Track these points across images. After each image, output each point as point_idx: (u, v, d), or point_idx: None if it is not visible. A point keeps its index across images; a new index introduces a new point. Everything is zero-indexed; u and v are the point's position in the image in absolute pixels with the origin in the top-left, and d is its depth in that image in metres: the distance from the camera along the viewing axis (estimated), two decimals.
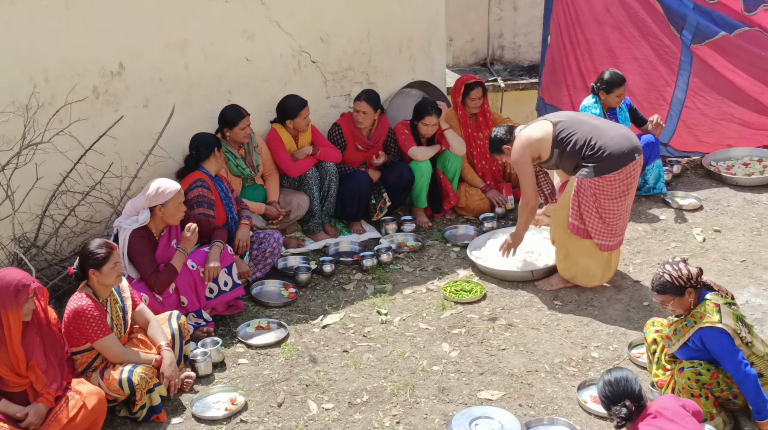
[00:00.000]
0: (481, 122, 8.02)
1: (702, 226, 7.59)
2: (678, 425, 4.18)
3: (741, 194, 8.12)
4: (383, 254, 7.16)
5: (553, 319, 6.35)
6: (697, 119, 8.54)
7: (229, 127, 6.86)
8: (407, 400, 5.50)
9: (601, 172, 6.22)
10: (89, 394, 5.13)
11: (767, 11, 8.24)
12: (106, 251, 5.27)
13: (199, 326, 6.13)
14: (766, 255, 7.04)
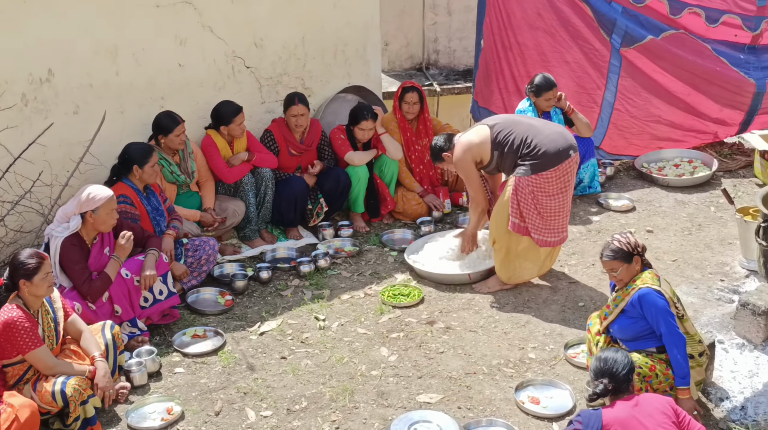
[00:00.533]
0: (420, 129, 8.05)
1: (635, 226, 7.72)
2: (648, 423, 4.27)
3: (672, 195, 8.28)
4: (320, 259, 7.15)
5: (491, 321, 6.40)
6: (626, 121, 8.69)
7: (164, 134, 6.80)
8: (346, 405, 5.51)
9: (538, 169, 6.33)
10: (21, 407, 5.04)
11: (692, 14, 8.42)
12: (37, 261, 5.20)
13: (133, 335, 6.07)
14: (696, 254, 7.19)
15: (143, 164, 6.40)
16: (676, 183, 8.42)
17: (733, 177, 8.60)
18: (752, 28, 8.55)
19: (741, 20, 8.52)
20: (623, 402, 4.40)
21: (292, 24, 7.66)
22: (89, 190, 5.91)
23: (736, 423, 5.23)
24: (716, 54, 8.52)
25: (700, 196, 8.25)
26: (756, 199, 6.03)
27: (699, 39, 8.49)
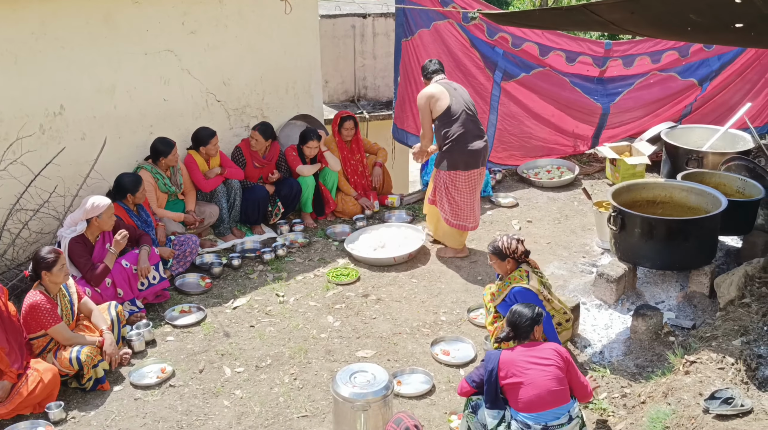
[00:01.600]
0: (354, 148, 8.05)
1: (518, 218, 7.83)
2: (536, 365, 4.26)
3: (545, 193, 8.42)
4: (279, 249, 7.12)
5: (411, 293, 6.45)
6: (507, 138, 8.78)
7: (164, 155, 6.74)
8: (302, 361, 5.51)
9: (452, 167, 6.47)
10: (45, 370, 5.00)
11: (556, 55, 8.58)
12: (54, 256, 5.15)
13: (133, 312, 6.00)
14: (564, 238, 7.34)
15: (135, 192, 6.34)
16: (548, 185, 8.55)
17: (590, 179, 8.75)
18: (600, 65, 8.75)
19: (592, 60, 8.72)
20: (522, 346, 4.39)
21: (252, 67, 7.61)
22: (93, 200, 5.83)
23: (596, 364, 5.36)
24: (573, 85, 8.71)
25: (566, 194, 8.38)
26: (608, 195, 6.20)
27: (560, 74, 8.65)
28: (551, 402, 4.18)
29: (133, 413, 5.00)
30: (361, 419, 4.42)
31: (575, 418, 4.22)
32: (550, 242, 7.26)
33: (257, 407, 5.03)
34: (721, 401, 4.15)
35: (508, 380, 4.25)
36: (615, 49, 8.72)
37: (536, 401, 4.17)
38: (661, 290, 6.14)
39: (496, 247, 5.24)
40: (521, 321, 4.43)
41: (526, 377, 4.21)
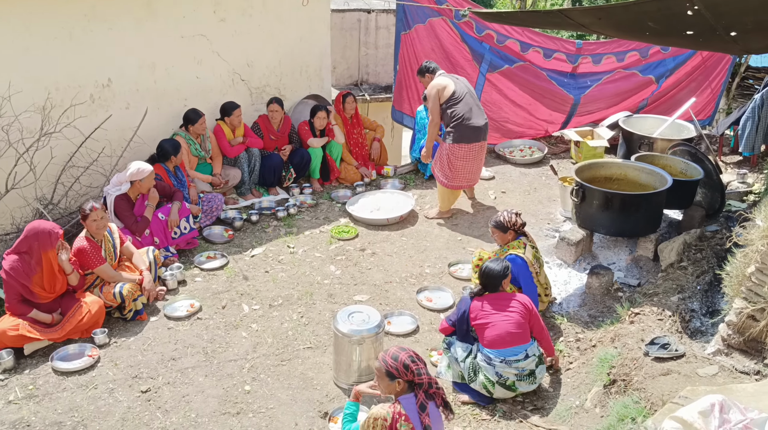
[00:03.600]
0: (354, 122, 8.03)
1: (494, 189, 7.83)
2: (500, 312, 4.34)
3: (518, 169, 8.41)
4: (291, 208, 7.13)
5: (401, 249, 6.49)
6: None
7: (192, 123, 6.71)
8: (308, 302, 5.57)
9: (456, 140, 6.49)
10: (92, 302, 5.05)
11: (535, 51, 8.52)
12: (89, 210, 5.14)
13: (167, 256, 6.03)
14: (533, 207, 7.35)
15: (175, 155, 6.35)
16: (520, 162, 8.54)
17: (557, 158, 8.75)
18: (572, 62, 8.70)
19: (566, 56, 8.66)
20: (491, 295, 4.45)
21: (272, 52, 7.56)
22: (138, 166, 5.82)
23: (555, 313, 5.42)
24: (549, 78, 8.66)
25: (536, 170, 8.38)
26: (571, 172, 6.23)
27: (538, 68, 8.59)
28: (510, 342, 4.31)
29: (166, 340, 5.07)
30: (356, 352, 4.49)
31: (531, 356, 4.35)
32: (521, 211, 7.19)
33: (270, 339, 5.10)
34: (659, 346, 4.23)
35: (476, 322, 4.40)
36: (585, 48, 8.67)
37: (498, 340, 4.32)
38: (613, 253, 6.20)
39: (498, 221, 5.14)
40: (491, 274, 4.46)
41: (491, 320, 4.36)
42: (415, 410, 3.33)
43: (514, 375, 4.31)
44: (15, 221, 5.78)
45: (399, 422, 3.26)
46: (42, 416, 4.29)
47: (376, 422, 3.29)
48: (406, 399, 3.35)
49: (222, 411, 4.35)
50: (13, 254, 4.83)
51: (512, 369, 4.31)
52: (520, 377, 4.32)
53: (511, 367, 4.30)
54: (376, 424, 3.29)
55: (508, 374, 4.31)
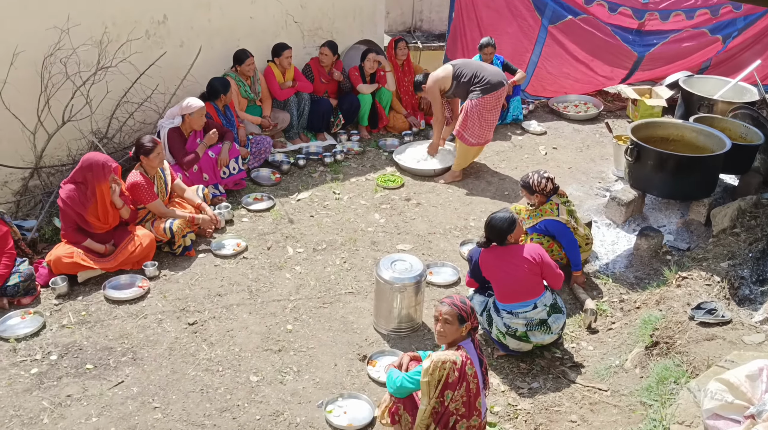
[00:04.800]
0: (406, 69, 7.95)
1: (545, 145, 7.72)
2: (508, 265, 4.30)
3: (571, 125, 8.26)
4: (338, 154, 7.16)
5: (447, 200, 6.48)
6: (544, 75, 8.55)
7: (239, 64, 6.73)
8: (351, 248, 5.64)
9: (485, 92, 6.42)
10: (144, 236, 5.21)
11: (599, 5, 8.25)
12: (152, 145, 5.26)
13: (216, 195, 6.15)
14: (584, 165, 7.24)
15: (225, 93, 6.39)
16: (574, 117, 8.38)
17: (612, 115, 8.55)
18: (639, 17, 8.38)
19: (631, 11, 8.35)
20: (499, 248, 4.38)
21: None
22: (189, 101, 5.91)
23: (600, 273, 5.39)
24: (613, 33, 8.37)
25: (590, 127, 8.21)
26: (627, 130, 6.10)
27: (602, 22, 8.32)
28: (519, 297, 4.29)
29: (212, 276, 5.22)
30: (397, 299, 4.55)
31: (541, 306, 4.29)
32: (571, 167, 7.18)
33: (313, 281, 5.20)
34: (705, 312, 4.19)
35: (486, 274, 4.40)
36: (652, 3, 8.34)
37: (506, 295, 4.33)
38: (664, 216, 6.09)
39: (526, 182, 5.12)
40: (495, 227, 4.36)
41: (499, 274, 4.35)
42: (476, 353, 3.41)
43: (522, 325, 4.28)
44: (71, 153, 5.95)
45: (467, 366, 3.32)
46: (93, 341, 4.50)
47: (444, 365, 3.29)
48: (467, 344, 3.41)
49: (264, 347, 4.49)
50: (70, 183, 4.99)
51: (519, 319, 4.28)
52: (529, 327, 4.28)
53: (518, 317, 4.28)
54: (445, 367, 3.29)
55: (516, 325, 4.29)
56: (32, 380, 4.16)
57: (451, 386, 3.31)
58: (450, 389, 3.32)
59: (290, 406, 4.02)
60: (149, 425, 3.86)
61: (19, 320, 4.67)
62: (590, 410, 3.95)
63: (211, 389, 4.13)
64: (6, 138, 5.50)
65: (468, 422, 3.36)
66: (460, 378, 3.31)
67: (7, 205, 5.64)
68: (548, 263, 4.37)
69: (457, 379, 3.30)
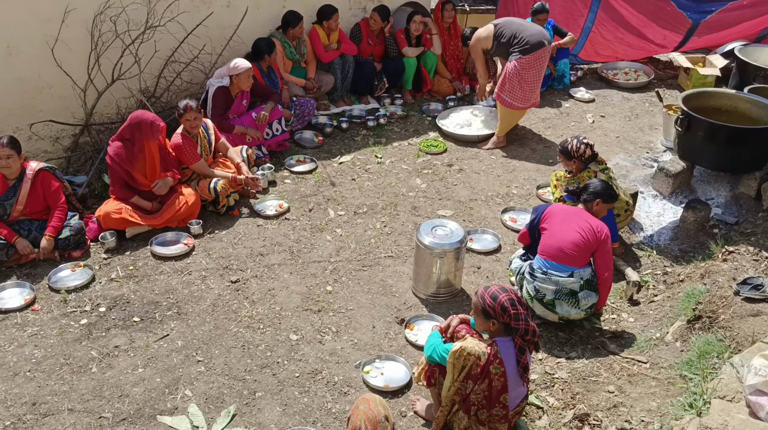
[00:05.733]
0: (452, 33, 7.83)
1: (592, 112, 7.57)
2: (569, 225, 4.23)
3: (621, 93, 8.06)
4: (381, 118, 7.13)
5: (490, 167, 6.43)
6: (598, 40, 8.35)
7: (291, 26, 6.70)
8: (392, 212, 5.65)
9: (525, 53, 6.33)
10: (189, 195, 5.31)
11: None
12: (184, 108, 5.29)
13: (259, 156, 6.21)
14: (632, 134, 7.08)
15: (270, 54, 6.39)
16: (624, 85, 8.19)
17: (663, 84, 8.32)
18: None
19: None
20: (572, 208, 4.38)
21: None
22: (237, 61, 5.94)
23: (645, 245, 5.32)
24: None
25: (639, 95, 8.00)
26: (678, 100, 5.93)
27: None
28: (561, 257, 4.20)
29: (255, 236, 5.30)
30: (437, 264, 4.55)
31: (576, 277, 4.19)
32: (619, 136, 7.03)
33: (353, 244, 5.24)
34: (751, 287, 4.10)
35: (543, 224, 4.35)
36: None
37: (551, 249, 4.25)
38: (712, 189, 5.93)
39: (564, 147, 5.05)
40: (594, 189, 4.39)
41: (555, 227, 4.28)
42: (513, 354, 3.25)
43: (552, 292, 4.21)
44: (120, 111, 6.06)
45: (493, 365, 3.22)
46: (140, 295, 4.64)
47: (469, 357, 3.22)
48: (503, 342, 3.26)
49: (304, 307, 4.56)
50: (118, 140, 5.10)
51: (551, 284, 4.21)
52: (558, 295, 4.21)
53: (551, 281, 4.21)
54: (469, 359, 3.22)
55: (546, 290, 4.23)
56: (82, 331, 4.32)
57: (472, 377, 3.26)
58: (471, 381, 3.27)
59: (328, 365, 4.10)
60: (192, 377, 3.98)
61: (70, 272, 4.84)
62: (628, 381, 3.93)
63: (252, 346, 4.23)
64: (58, 95, 5.62)
65: (489, 412, 3.32)
66: (482, 374, 3.24)
67: (59, 161, 5.79)
68: (607, 248, 4.23)
69: (479, 374, 3.24)
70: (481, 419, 3.34)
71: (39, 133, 5.60)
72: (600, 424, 3.59)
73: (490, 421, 3.34)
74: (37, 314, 4.45)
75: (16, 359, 4.08)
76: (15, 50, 5.27)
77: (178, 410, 3.77)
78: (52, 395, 3.85)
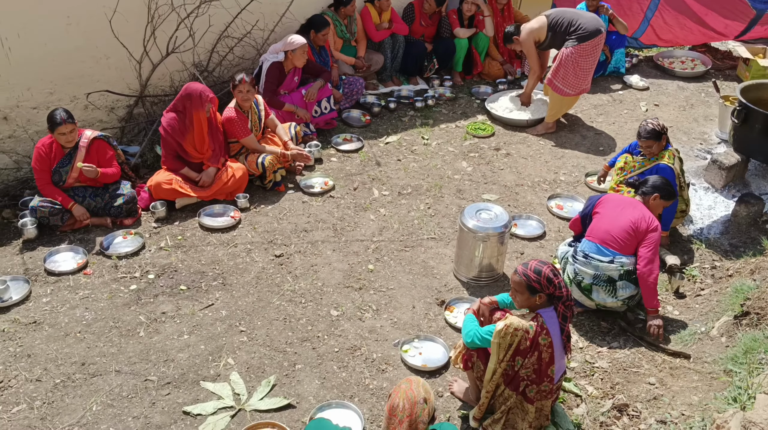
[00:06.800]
0: (506, 15, 7.72)
1: (646, 101, 7.41)
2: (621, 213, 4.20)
3: (676, 82, 7.87)
4: (429, 99, 7.11)
5: (537, 152, 6.36)
6: (659, 25, 8.11)
7: (344, 5, 6.70)
8: (436, 194, 5.65)
9: (582, 41, 6.21)
10: (237, 169, 5.39)
11: None
12: (239, 81, 5.35)
13: (307, 134, 6.24)
14: (686, 125, 6.91)
15: (321, 30, 6.39)
16: (680, 74, 7.98)
17: (721, 75, 8.09)
18: None
19: None
20: (627, 198, 4.33)
21: None
22: (292, 37, 5.98)
23: (695, 238, 5.22)
24: None
25: (695, 85, 7.79)
26: (736, 91, 5.75)
27: None
28: (606, 241, 4.17)
29: (300, 212, 5.36)
30: (480, 248, 4.54)
31: (617, 263, 4.14)
32: (672, 126, 6.85)
33: (396, 224, 5.26)
34: None
35: (596, 209, 4.33)
36: None
37: (597, 231, 4.24)
38: (767, 183, 5.76)
39: (651, 130, 4.82)
40: (654, 182, 4.33)
41: (606, 212, 4.27)
42: (557, 322, 3.28)
43: (590, 276, 4.18)
44: (174, 84, 6.16)
45: (541, 336, 3.24)
46: (188, 264, 4.75)
47: (516, 332, 3.22)
48: (546, 312, 3.29)
49: (345, 284, 4.61)
50: (171, 112, 5.20)
51: (590, 269, 4.17)
52: (596, 281, 4.17)
53: (590, 265, 4.17)
54: (516, 334, 3.22)
55: (584, 274, 4.20)
56: (131, 296, 4.45)
57: (521, 353, 3.26)
58: (521, 356, 3.27)
59: (367, 342, 4.14)
60: (235, 346, 4.08)
61: (121, 239, 4.98)
62: (670, 374, 3.87)
63: (293, 319, 4.30)
64: (114, 66, 5.75)
65: (538, 387, 3.33)
66: (531, 347, 3.24)
67: (113, 131, 5.93)
68: (654, 241, 4.13)
69: (528, 347, 3.24)
70: (529, 397, 3.35)
71: (95, 102, 5.73)
72: (639, 415, 3.56)
73: (538, 397, 3.36)
74: (89, 278, 4.60)
75: (68, 320, 4.24)
76: (74, 21, 5.39)
77: (220, 377, 3.87)
78: (100, 356, 3.98)
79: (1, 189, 5.36)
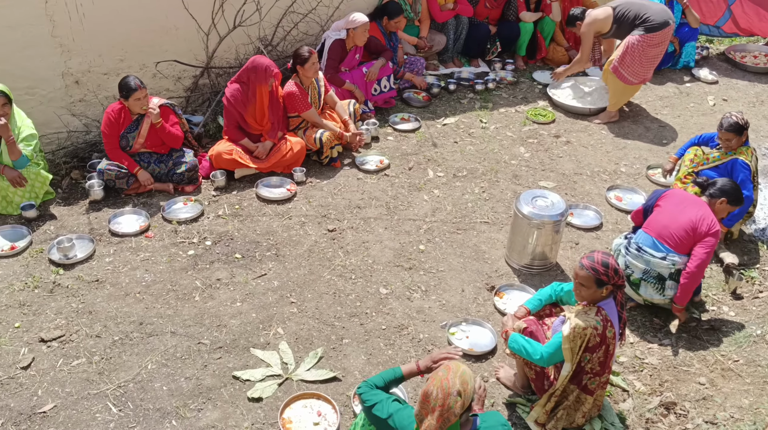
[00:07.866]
0: (573, 0, 7.54)
1: (714, 95, 7.15)
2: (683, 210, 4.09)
3: (747, 77, 7.55)
4: (490, 83, 7.02)
5: (599, 142, 6.23)
6: (741, 16, 7.78)
7: None
8: (491, 179, 5.60)
9: (651, 31, 6.06)
10: (296, 143, 5.44)
11: None
12: (309, 54, 5.38)
13: (365, 111, 6.26)
14: (756, 121, 6.61)
15: (392, 18, 6.38)
16: (752, 69, 7.66)
17: None
18: None
19: None
20: (696, 196, 4.22)
21: None
22: (355, 15, 5.97)
23: (757, 239, 5.04)
24: None
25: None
26: None
27: None
28: (663, 236, 4.06)
29: (354, 188, 5.39)
30: (534, 235, 4.48)
31: (669, 261, 4.01)
32: None
33: (449, 206, 5.24)
34: None
35: (659, 202, 4.23)
36: None
37: (654, 227, 4.13)
38: None
39: (734, 123, 4.65)
40: (723, 185, 4.17)
41: (667, 207, 4.16)
42: (616, 312, 3.25)
43: (640, 271, 4.08)
44: (239, 57, 6.24)
45: (607, 329, 3.20)
46: (243, 233, 4.84)
47: (585, 331, 3.16)
48: (606, 304, 3.25)
49: (396, 263, 4.63)
50: (235, 83, 5.28)
51: (641, 263, 4.07)
52: (645, 276, 4.07)
53: (642, 259, 4.07)
54: (585, 333, 3.16)
55: (634, 268, 4.11)
56: (188, 261, 4.57)
57: (591, 349, 3.22)
58: (589, 352, 3.23)
59: (415, 322, 4.16)
60: (285, 317, 4.15)
61: (182, 205, 5.11)
62: (721, 375, 3.77)
63: (343, 294, 4.34)
64: (183, 37, 5.85)
65: (599, 379, 3.31)
66: (600, 342, 3.20)
67: (179, 100, 6.06)
68: (711, 245, 3.98)
69: (598, 343, 3.20)
70: (591, 388, 3.33)
71: (163, 71, 5.85)
72: (686, 414, 3.49)
73: (598, 388, 3.34)
74: (149, 241, 4.74)
75: (128, 281, 4.38)
76: None
77: (269, 346, 3.95)
78: (157, 317, 4.11)
79: (71, 151, 5.55)
